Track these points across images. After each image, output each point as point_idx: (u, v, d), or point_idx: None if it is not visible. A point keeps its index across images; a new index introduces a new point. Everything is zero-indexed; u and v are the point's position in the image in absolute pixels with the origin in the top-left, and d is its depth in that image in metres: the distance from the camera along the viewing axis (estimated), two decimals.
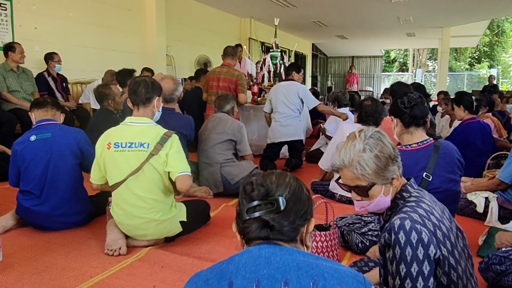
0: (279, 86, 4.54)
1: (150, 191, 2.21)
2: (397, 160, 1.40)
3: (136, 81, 2.38)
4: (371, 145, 1.36)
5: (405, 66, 25.93)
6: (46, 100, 2.67)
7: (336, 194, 3.25)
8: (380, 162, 1.36)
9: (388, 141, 1.41)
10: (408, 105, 2.10)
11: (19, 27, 5.39)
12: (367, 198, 1.41)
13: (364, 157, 1.35)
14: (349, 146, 1.38)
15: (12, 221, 2.58)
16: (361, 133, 1.40)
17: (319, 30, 13.59)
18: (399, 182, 1.41)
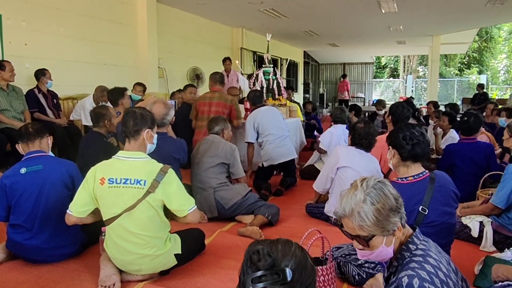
0: (261, 111, 4.43)
1: (145, 228, 2.18)
2: (400, 211, 1.39)
3: (127, 112, 2.36)
4: (372, 196, 1.36)
5: (396, 72, 26.13)
6: (29, 132, 2.56)
7: (331, 218, 3.24)
8: (381, 215, 1.35)
9: (390, 192, 1.40)
10: (410, 142, 2.10)
11: (9, 43, 5.33)
12: (369, 248, 1.40)
13: (365, 208, 1.34)
14: (350, 195, 1.38)
15: (3, 254, 2.53)
16: (363, 183, 1.39)
17: (311, 38, 13.67)
18: (402, 232, 1.40)
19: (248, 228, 2.99)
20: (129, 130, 2.27)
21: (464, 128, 3.86)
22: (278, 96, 5.35)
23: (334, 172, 3.20)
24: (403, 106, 3.92)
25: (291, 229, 3.21)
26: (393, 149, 2.18)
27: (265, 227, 3.16)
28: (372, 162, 3.21)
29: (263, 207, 3.26)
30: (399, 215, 1.39)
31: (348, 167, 3.12)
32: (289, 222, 3.38)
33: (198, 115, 4.69)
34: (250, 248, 1.03)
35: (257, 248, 1.02)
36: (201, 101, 4.74)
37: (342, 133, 4.60)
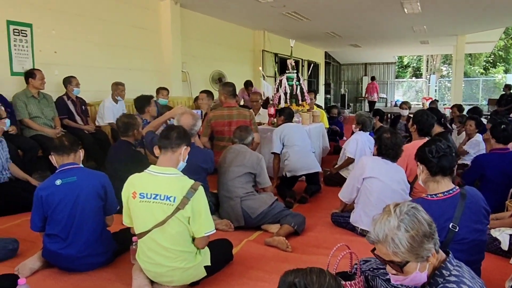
0: (289, 125, 4.59)
1: (175, 243, 2.24)
2: (433, 237, 1.40)
3: (169, 126, 2.47)
4: (406, 223, 1.36)
5: (419, 72, 25.71)
6: (64, 145, 2.65)
7: (357, 227, 3.24)
8: (415, 242, 1.35)
9: (424, 218, 1.40)
10: (436, 155, 2.09)
11: (39, 52, 5.51)
12: (402, 274, 1.41)
13: (399, 235, 1.35)
14: (384, 221, 1.39)
15: (39, 262, 2.63)
16: (396, 208, 1.40)
17: (332, 40, 13.59)
18: (435, 258, 1.41)
19: (275, 238, 3.02)
20: (171, 142, 2.34)
21: (503, 136, 3.71)
22: (301, 101, 5.35)
23: (360, 182, 3.20)
24: (427, 114, 3.88)
25: (317, 239, 3.22)
26: (421, 164, 2.18)
27: (291, 236, 3.18)
28: (399, 172, 3.19)
29: (289, 216, 3.28)
30: (433, 241, 1.40)
31: (374, 177, 3.12)
32: (314, 231, 3.39)
33: (216, 134, 4.53)
34: (286, 279, 1.06)
35: (293, 280, 1.05)
36: (219, 121, 4.46)
37: (367, 139, 4.58)
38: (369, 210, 3.14)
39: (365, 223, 3.16)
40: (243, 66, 11.10)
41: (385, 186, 3.08)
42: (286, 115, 4.73)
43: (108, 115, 5.73)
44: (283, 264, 2.74)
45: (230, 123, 4.42)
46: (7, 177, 3.99)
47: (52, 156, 2.70)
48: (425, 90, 21.15)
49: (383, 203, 2.99)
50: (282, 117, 4.73)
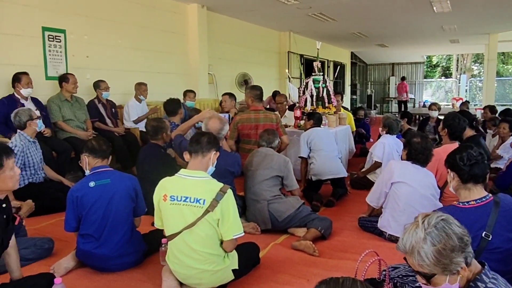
0: (316, 129, 4.61)
1: (205, 245, 2.28)
2: (465, 250, 1.37)
3: (200, 132, 2.55)
4: (432, 236, 1.35)
5: (449, 71, 25.08)
6: (102, 149, 2.75)
7: (385, 232, 3.20)
8: (441, 256, 1.33)
9: (454, 231, 1.37)
10: (467, 163, 2.05)
11: (72, 56, 5.69)
12: (431, 285, 1.39)
13: (424, 248, 1.34)
14: (412, 233, 1.38)
15: (73, 262, 2.73)
16: (425, 220, 1.39)
17: (359, 40, 13.44)
18: (467, 272, 1.38)
19: (302, 242, 3.02)
20: (201, 146, 2.40)
21: None
22: (328, 104, 5.32)
23: (389, 187, 3.16)
24: (459, 118, 3.79)
25: (344, 244, 3.20)
26: (452, 171, 2.14)
27: (318, 240, 3.18)
28: (428, 177, 3.14)
29: (316, 220, 3.28)
30: (464, 254, 1.37)
31: (403, 182, 3.08)
32: (341, 235, 3.37)
33: (242, 137, 4.52)
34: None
35: None
36: (246, 124, 4.45)
37: (394, 143, 4.52)
38: (397, 215, 3.10)
39: (393, 228, 3.12)
40: (269, 68, 11.13)
41: (414, 191, 3.04)
42: (316, 119, 4.73)
43: (133, 114, 5.94)
44: (310, 269, 2.75)
45: (257, 127, 4.42)
46: (42, 177, 4.15)
47: (85, 157, 2.77)
48: (455, 90, 20.62)
49: (412, 208, 2.98)
50: (311, 121, 4.73)
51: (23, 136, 3.92)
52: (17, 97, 4.63)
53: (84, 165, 2.77)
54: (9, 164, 2.06)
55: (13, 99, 4.61)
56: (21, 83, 4.61)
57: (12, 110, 4.37)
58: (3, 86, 4.78)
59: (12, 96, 4.63)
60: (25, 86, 4.63)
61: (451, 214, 1.96)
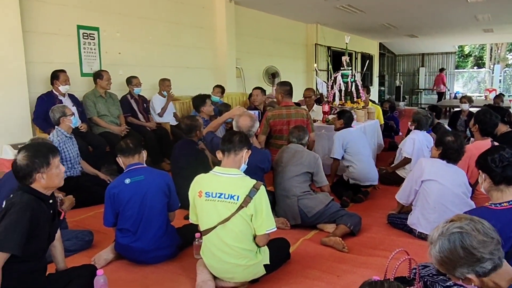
0: (350, 131, 4.51)
1: (238, 240, 2.36)
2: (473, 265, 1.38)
3: (231, 131, 2.64)
4: (440, 244, 1.42)
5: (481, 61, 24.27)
6: (130, 147, 2.87)
7: (414, 230, 3.21)
8: (443, 263, 1.43)
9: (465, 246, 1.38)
10: (500, 165, 2.05)
11: (105, 53, 5.87)
12: None
13: (432, 250, 1.44)
14: (434, 231, 1.45)
15: (112, 254, 2.87)
16: (446, 225, 1.45)
17: (387, 31, 13.20)
18: (478, 281, 1.41)
19: (331, 239, 3.07)
20: (234, 145, 2.48)
21: None
22: (356, 99, 5.30)
23: (419, 185, 3.16)
24: (490, 113, 3.73)
25: (374, 240, 3.23)
26: (483, 173, 2.13)
27: (347, 236, 3.22)
28: (460, 175, 3.11)
29: (345, 217, 3.31)
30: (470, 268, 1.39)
31: (433, 180, 3.07)
32: (370, 232, 3.40)
33: (274, 133, 4.52)
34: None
35: None
36: (278, 120, 4.46)
37: (424, 138, 4.48)
38: (427, 213, 3.10)
39: (423, 226, 3.12)
40: (296, 60, 11.10)
41: (445, 189, 3.03)
42: (346, 119, 4.61)
43: (157, 108, 6.12)
44: (340, 265, 2.80)
45: (289, 122, 4.42)
46: (79, 171, 4.33)
47: (119, 158, 2.92)
48: (488, 81, 19.93)
49: (443, 207, 2.98)
50: (341, 120, 4.61)
51: (60, 132, 4.10)
52: (55, 94, 4.84)
53: (121, 164, 2.92)
54: (55, 162, 2.19)
55: (52, 95, 4.82)
56: (59, 80, 4.81)
57: (51, 106, 4.59)
58: (42, 83, 5.00)
59: (51, 93, 4.84)
60: (63, 83, 4.83)
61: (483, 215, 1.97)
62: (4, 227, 1.95)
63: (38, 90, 4.92)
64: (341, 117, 4.63)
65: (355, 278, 2.59)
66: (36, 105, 4.77)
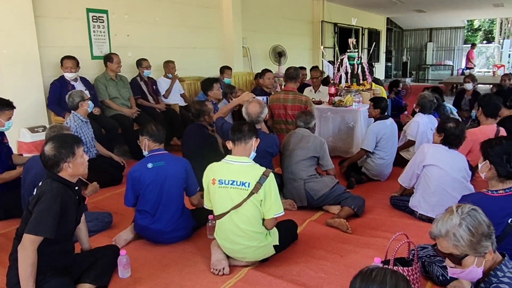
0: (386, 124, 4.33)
1: (250, 224, 2.55)
2: (491, 237, 1.56)
3: (240, 122, 2.77)
4: (468, 221, 1.55)
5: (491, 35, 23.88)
6: (161, 134, 3.06)
7: (415, 212, 3.37)
8: (474, 237, 1.54)
9: (483, 219, 1.57)
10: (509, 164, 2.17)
11: (114, 36, 5.95)
12: (460, 267, 1.59)
13: (460, 231, 1.54)
14: (446, 219, 1.58)
15: (132, 235, 3.08)
16: (458, 209, 1.58)
17: (395, 6, 13.05)
18: (491, 256, 1.57)
19: (336, 220, 3.25)
20: (244, 134, 2.63)
21: None
22: (362, 81, 5.39)
23: (421, 169, 3.30)
24: (491, 96, 3.85)
25: (376, 221, 3.41)
26: (491, 164, 2.25)
27: (351, 218, 3.39)
28: (460, 160, 3.25)
29: (350, 199, 3.48)
30: (491, 240, 1.56)
31: (434, 165, 3.21)
32: (373, 213, 3.57)
33: (274, 117, 4.67)
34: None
35: None
36: (276, 103, 4.63)
37: (428, 121, 4.58)
38: (428, 197, 3.26)
39: (423, 208, 3.29)
40: (302, 38, 11.08)
41: (445, 174, 3.17)
42: (382, 108, 4.40)
43: (163, 90, 6.23)
44: (344, 245, 2.98)
45: (286, 107, 4.58)
46: (95, 153, 4.50)
47: (145, 140, 3.05)
48: (497, 57, 19.69)
49: (443, 191, 3.14)
50: (377, 110, 4.41)
51: (77, 117, 4.25)
52: (67, 79, 4.95)
53: (143, 146, 3.06)
54: (80, 152, 2.36)
55: (64, 81, 4.94)
56: (62, 67, 4.90)
57: (64, 91, 4.73)
58: (55, 67, 5.11)
59: (63, 78, 4.95)
60: (66, 70, 4.89)
61: (480, 200, 2.15)
62: (38, 214, 2.14)
63: (51, 74, 5.05)
64: (377, 106, 4.42)
65: (357, 258, 2.78)
66: (50, 91, 4.90)
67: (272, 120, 4.67)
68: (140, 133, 3.11)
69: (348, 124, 5.17)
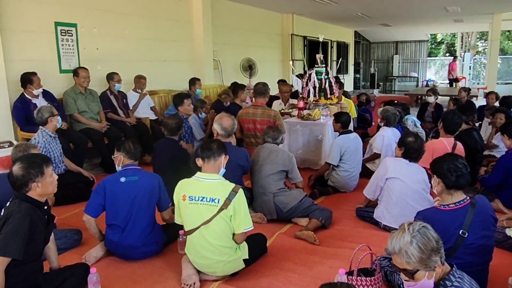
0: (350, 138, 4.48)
1: (219, 239, 2.61)
2: (440, 251, 1.70)
3: (210, 140, 2.86)
4: (418, 239, 1.69)
5: (453, 48, 24.95)
6: (137, 152, 3.10)
7: (380, 223, 3.52)
8: (424, 254, 1.67)
9: (433, 236, 1.70)
10: (454, 174, 2.34)
11: (83, 49, 5.93)
12: (413, 280, 1.72)
13: (411, 249, 1.67)
14: (399, 237, 1.71)
15: (102, 251, 3.07)
16: (410, 227, 1.71)
17: (362, 20, 13.50)
18: (441, 269, 1.71)
19: (304, 232, 3.35)
20: (213, 152, 2.70)
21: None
22: (330, 95, 5.57)
23: (383, 182, 3.46)
24: (455, 114, 4.11)
25: (343, 232, 3.53)
26: (438, 178, 2.42)
27: (318, 229, 3.50)
28: (420, 173, 3.42)
29: (317, 211, 3.60)
30: (439, 255, 1.70)
31: (396, 178, 3.37)
32: (340, 224, 3.70)
33: (244, 131, 4.78)
34: None
35: None
36: (245, 117, 4.75)
37: (392, 134, 4.78)
38: (390, 208, 3.41)
39: (387, 219, 3.44)
40: (272, 50, 11.28)
41: (406, 186, 3.34)
42: (343, 122, 4.56)
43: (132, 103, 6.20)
44: (311, 256, 3.08)
45: (255, 121, 4.69)
46: (63, 169, 4.45)
47: (120, 156, 3.08)
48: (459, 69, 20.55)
49: (404, 202, 3.31)
50: (339, 124, 4.59)
51: (45, 132, 4.21)
52: (28, 98, 4.85)
53: (117, 162, 3.10)
54: (49, 171, 2.37)
55: (25, 100, 4.85)
56: (33, 84, 4.82)
57: (27, 110, 4.67)
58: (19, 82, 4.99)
59: (24, 97, 4.85)
60: (37, 87, 4.85)
61: (433, 215, 2.30)
62: (6, 234, 2.13)
63: (18, 88, 4.95)
64: (338, 120, 4.61)
65: (324, 269, 2.88)
66: (14, 114, 4.83)
67: (242, 134, 4.76)
68: (116, 148, 3.13)
69: (317, 137, 5.32)
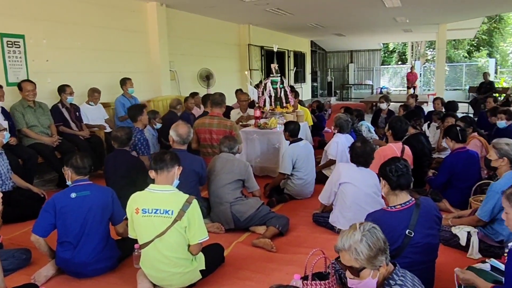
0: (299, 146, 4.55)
1: (174, 251, 2.58)
2: (386, 252, 1.77)
3: (162, 151, 2.83)
4: (368, 237, 1.75)
5: (405, 56, 26.08)
6: (85, 167, 2.99)
7: (335, 227, 3.60)
8: (372, 253, 1.74)
9: (381, 236, 1.77)
10: (395, 174, 2.45)
11: (32, 61, 5.71)
12: (358, 278, 1.77)
13: (361, 246, 1.73)
14: (350, 235, 1.76)
15: (52, 270, 2.95)
16: (361, 226, 1.77)
17: (317, 30, 13.86)
18: (385, 269, 1.78)
19: (261, 240, 3.38)
20: (166, 164, 2.67)
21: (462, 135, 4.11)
22: (285, 104, 5.66)
23: (337, 187, 3.55)
24: (401, 121, 4.30)
25: (299, 239, 3.59)
26: (383, 180, 2.53)
27: (276, 237, 3.54)
28: (371, 177, 3.54)
29: (274, 219, 3.64)
30: (385, 255, 1.76)
31: (348, 183, 3.47)
32: (297, 231, 3.75)
33: (200, 141, 4.73)
34: None
35: None
36: (201, 128, 4.68)
37: (346, 141, 4.92)
38: (344, 212, 3.51)
39: (342, 223, 3.53)
40: (229, 60, 11.34)
41: (358, 190, 3.44)
42: (291, 131, 4.63)
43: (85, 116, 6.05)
44: (268, 264, 3.11)
45: (211, 131, 4.66)
46: (11, 186, 4.26)
47: (68, 172, 2.99)
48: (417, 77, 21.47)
49: (357, 206, 3.40)
50: (287, 133, 4.67)
51: None
52: None
53: (67, 177, 3.00)
54: None
55: None
56: None
57: None
58: None
59: None
60: None
61: (381, 217, 2.38)
62: None
63: None
64: (286, 129, 4.70)
65: (281, 275, 2.91)
66: None
67: (198, 145, 4.74)
68: (65, 163, 3.03)
69: (274, 145, 5.39)
